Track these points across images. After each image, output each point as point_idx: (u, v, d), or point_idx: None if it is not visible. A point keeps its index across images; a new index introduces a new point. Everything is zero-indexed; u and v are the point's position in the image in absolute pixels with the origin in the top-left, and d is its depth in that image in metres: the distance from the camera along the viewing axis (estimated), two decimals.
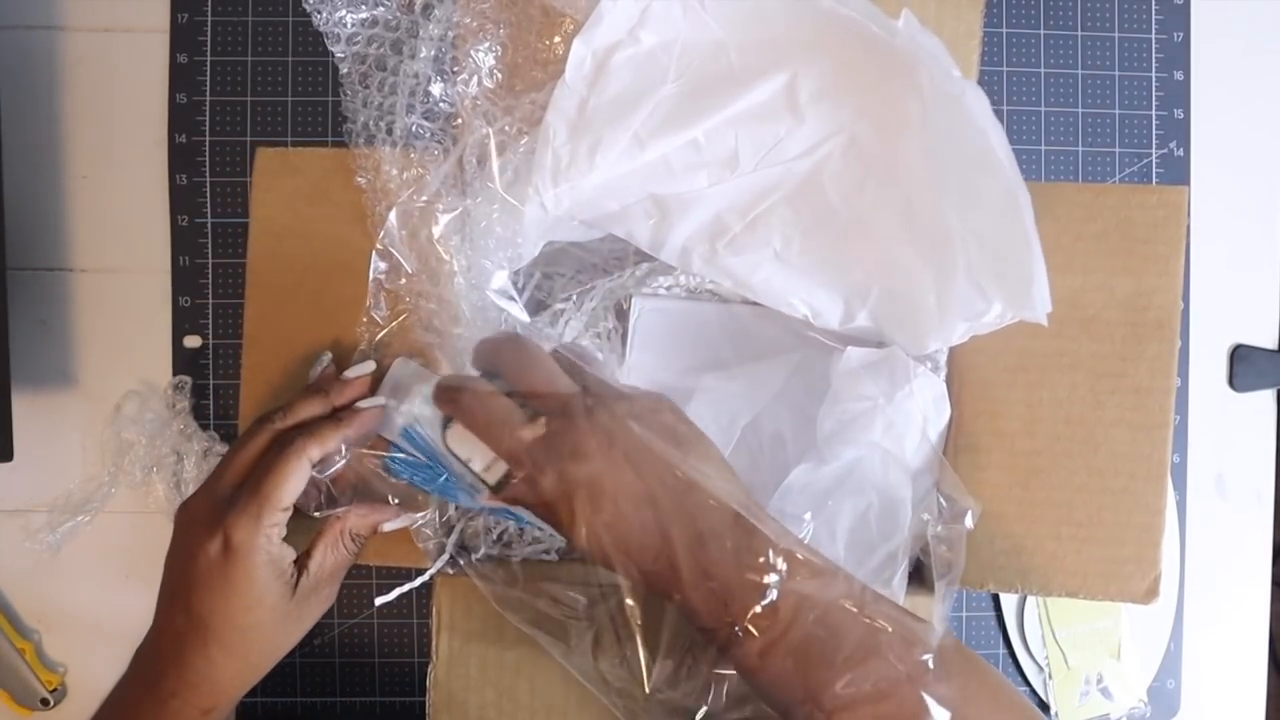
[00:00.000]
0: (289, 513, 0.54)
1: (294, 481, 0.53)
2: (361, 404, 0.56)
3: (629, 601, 0.53)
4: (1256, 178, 0.70)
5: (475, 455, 0.53)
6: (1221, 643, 0.70)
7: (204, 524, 0.53)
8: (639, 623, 0.53)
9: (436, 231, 0.58)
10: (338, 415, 0.55)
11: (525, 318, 0.60)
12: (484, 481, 0.53)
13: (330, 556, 0.57)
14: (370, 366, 0.58)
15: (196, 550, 0.52)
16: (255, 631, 0.54)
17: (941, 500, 0.59)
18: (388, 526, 0.58)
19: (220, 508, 0.53)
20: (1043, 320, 0.56)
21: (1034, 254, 0.55)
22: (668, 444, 0.50)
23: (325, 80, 0.67)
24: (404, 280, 0.59)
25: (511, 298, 0.60)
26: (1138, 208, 0.61)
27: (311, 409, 0.56)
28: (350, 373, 0.58)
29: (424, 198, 0.59)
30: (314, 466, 0.54)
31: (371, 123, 0.61)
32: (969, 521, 0.58)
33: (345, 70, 0.62)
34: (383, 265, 0.60)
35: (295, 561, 0.55)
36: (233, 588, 0.52)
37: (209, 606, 0.53)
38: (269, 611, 0.54)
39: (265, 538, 0.52)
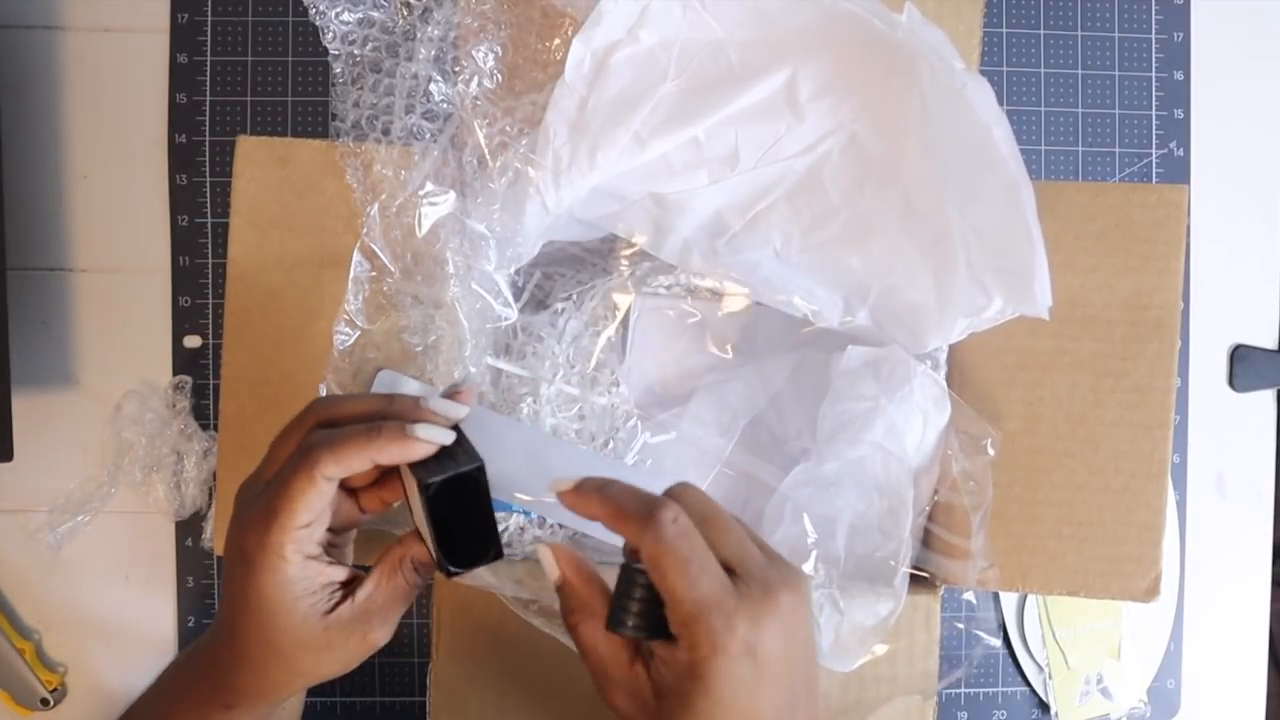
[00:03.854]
0: (314, 529, 0.47)
1: (306, 499, 0.45)
2: (419, 430, 0.46)
3: None
4: (1256, 178, 0.70)
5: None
6: (1221, 643, 0.70)
7: (234, 520, 0.48)
8: None
9: (423, 227, 0.58)
10: (373, 427, 0.46)
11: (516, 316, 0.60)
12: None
13: (384, 586, 0.49)
14: (463, 411, 0.48)
15: (227, 546, 0.48)
16: (273, 649, 0.47)
17: (960, 436, 0.59)
18: None
19: (245, 508, 0.48)
20: (1044, 315, 0.56)
21: (1035, 248, 0.55)
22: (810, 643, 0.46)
23: (325, 80, 0.67)
24: (389, 280, 0.59)
25: (507, 303, 0.60)
26: (1138, 206, 0.61)
27: (359, 407, 0.48)
28: (438, 406, 0.48)
29: (408, 192, 0.58)
30: (331, 481, 0.46)
31: (364, 121, 0.61)
32: (990, 449, 0.59)
33: (338, 69, 0.62)
34: (366, 264, 0.58)
35: (346, 583, 0.49)
36: (245, 601, 0.47)
37: (230, 610, 0.48)
38: (286, 633, 0.47)
39: (278, 556, 0.46)
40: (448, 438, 0.46)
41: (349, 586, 0.49)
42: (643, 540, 0.42)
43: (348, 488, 0.50)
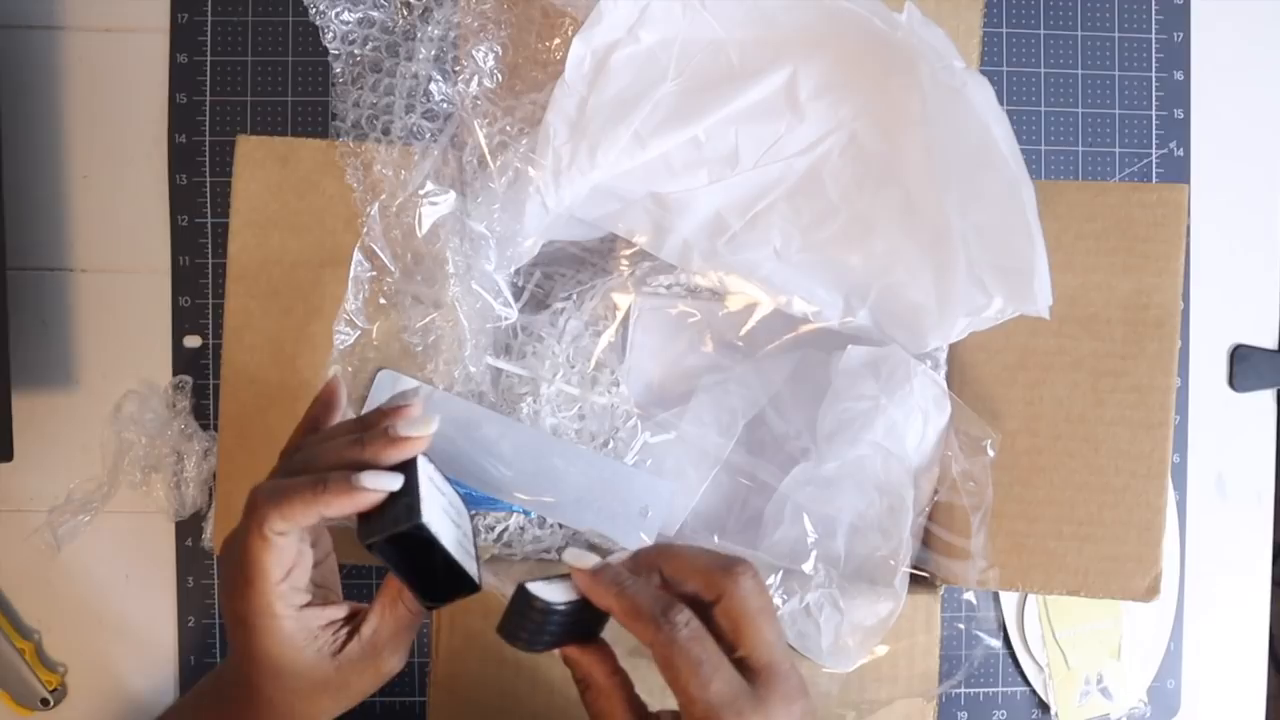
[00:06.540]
0: (296, 576, 0.46)
1: (269, 558, 0.44)
2: (364, 480, 0.43)
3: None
4: (1256, 178, 0.70)
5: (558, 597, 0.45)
6: (1221, 642, 0.70)
7: (220, 582, 0.47)
8: None
9: (423, 227, 0.58)
10: (319, 479, 0.43)
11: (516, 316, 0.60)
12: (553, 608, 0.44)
13: (388, 617, 0.47)
14: (432, 427, 0.45)
15: (223, 608, 0.47)
16: (294, 696, 0.47)
17: (960, 436, 0.59)
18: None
19: (225, 569, 0.46)
20: (1044, 314, 0.56)
21: (1035, 247, 0.55)
22: None
23: (325, 80, 0.67)
24: (389, 280, 0.58)
25: (507, 303, 0.60)
26: (1138, 206, 0.61)
27: (329, 455, 0.46)
28: (403, 428, 0.45)
29: (408, 191, 0.58)
30: (286, 535, 0.44)
31: (364, 121, 0.61)
32: (990, 450, 0.59)
33: (338, 69, 0.62)
34: (366, 264, 0.58)
35: (347, 620, 0.48)
36: (254, 660, 0.46)
37: (244, 669, 0.47)
38: (301, 680, 0.47)
39: (270, 616, 0.45)
40: (395, 483, 0.44)
41: (352, 621, 0.48)
42: (655, 641, 0.42)
43: None
